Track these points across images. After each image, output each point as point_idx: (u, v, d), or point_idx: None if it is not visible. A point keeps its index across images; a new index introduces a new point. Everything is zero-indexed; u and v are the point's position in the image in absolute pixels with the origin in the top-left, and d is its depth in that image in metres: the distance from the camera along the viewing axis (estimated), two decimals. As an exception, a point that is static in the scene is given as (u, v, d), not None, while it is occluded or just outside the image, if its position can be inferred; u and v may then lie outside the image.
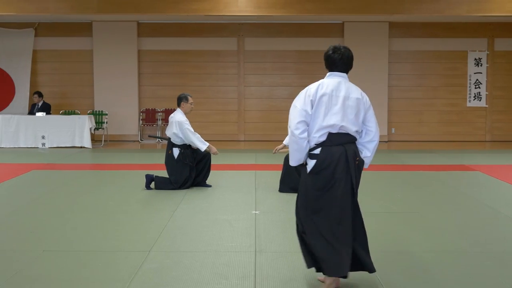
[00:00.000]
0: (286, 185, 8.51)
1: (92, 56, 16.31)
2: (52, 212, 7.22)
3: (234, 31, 16.41)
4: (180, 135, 8.60)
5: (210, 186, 8.90)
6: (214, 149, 8.72)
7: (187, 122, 8.62)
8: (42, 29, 16.43)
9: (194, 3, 13.62)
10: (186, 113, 8.79)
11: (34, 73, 16.45)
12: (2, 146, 14.19)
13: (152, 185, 8.72)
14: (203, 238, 5.95)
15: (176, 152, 8.68)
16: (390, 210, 7.39)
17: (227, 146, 15.11)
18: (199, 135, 8.68)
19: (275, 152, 9.00)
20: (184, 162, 8.63)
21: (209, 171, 9.01)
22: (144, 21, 16.23)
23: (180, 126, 8.56)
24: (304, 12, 13.75)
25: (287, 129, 4.50)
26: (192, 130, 8.62)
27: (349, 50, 4.73)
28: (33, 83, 16.39)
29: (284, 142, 8.66)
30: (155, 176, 8.74)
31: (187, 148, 8.72)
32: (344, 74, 4.81)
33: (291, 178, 8.30)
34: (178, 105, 8.84)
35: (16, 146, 14.18)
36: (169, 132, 8.72)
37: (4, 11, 13.73)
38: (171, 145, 8.73)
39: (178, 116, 8.65)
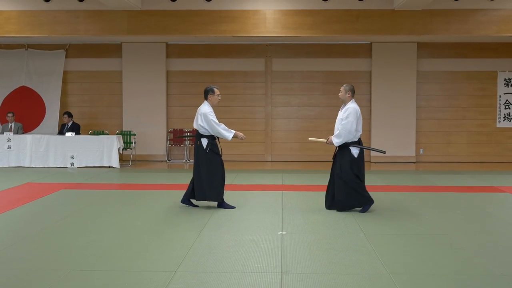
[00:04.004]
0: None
1: (121, 77, 16.52)
2: (79, 231, 7.27)
3: (262, 52, 16.49)
4: (206, 127, 8.64)
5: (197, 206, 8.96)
6: (240, 134, 8.75)
7: (212, 113, 8.65)
8: (72, 50, 16.71)
9: (223, 25, 13.72)
10: (213, 106, 8.84)
11: (64, 94, 16.70)
12: (32, 166, 14.39)
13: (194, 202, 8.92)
14: (229, 259, 5.94)
15: (204, 142, 8.69)
16: (418, 232, 7.30)
17: (254, 166, 15.12)
18: (224, 125, 8.68)
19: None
20: (214, 151, 8.65)
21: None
22: (173, 42, 16.41)
23: (205, 118, 8.61)
24: (332, 32, 13.76)
25: (313, 149, 4.53)
26: (217, 121, 8.64)
27: None
28: (63, 103, 16.63)
29: (322, 140, 9.01)
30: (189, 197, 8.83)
31: (215, 139, 8.75)
32: None
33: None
34: (206, 98, 8.90)
35: (46, 166, 14.36)
36: (195, 124, 8.79)
37: (37, 33, 13.98)
38: (199, 136, 8.75)
39: (203, 108, 8.72)
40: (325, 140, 8.83)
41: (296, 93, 16.56)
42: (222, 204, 8.79)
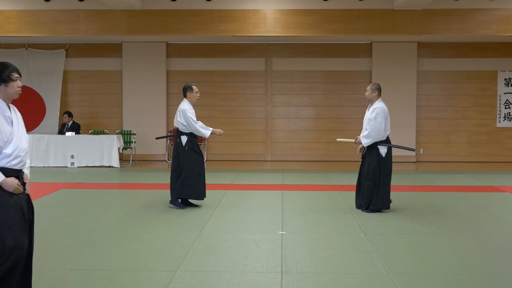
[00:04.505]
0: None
1: (121, 76, 16.52)
2: (79, 230, 7.28)
3: (262, 52, 16.49)
4: (185, 123, 8.67)
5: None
6: (218, 130, 8.87)
7: (191, 110, 8.69)
8: (73, 50, 16.71)
9: (223, 24, 13.71)
10: (193, 103, 8.86)
11: (64, 93, 16.69)
12: (32, 165, 14.37)
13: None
14: (230, 258, 5.94)
15: (184, 139, 8.74)
16: (418, 231, 7.30)
17: (254, 166, 15.13)
18: (201, 123, 8.74)
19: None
20: (193, 149, 8.68)
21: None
22: (173, 42, 16.41)
23: (184, 114, 8.66)
24: (332, 32, 13.75)
25: (313, 149, 4.54)
26: (195, 119, 8.68)
27: None
28: (63, 103, 16.63)
29: (350, 140, 9.14)
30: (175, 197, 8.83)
31: (194, 137, 8.78)
32: None
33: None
34: (184, 96, 8.92)
35: (46, 165, 14.37)
36: (175, 122, 8.83)
37: (37, 33, 13.97)
38: (179, 133, 8.80)
39: (183, 106, 8.77)
40: (353, 140, 8.85)
41: (296, 92, 16.55)
42: (174, 201, 8.80)
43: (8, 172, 4.05)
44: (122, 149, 15.13)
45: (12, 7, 13.81)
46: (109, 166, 14.40)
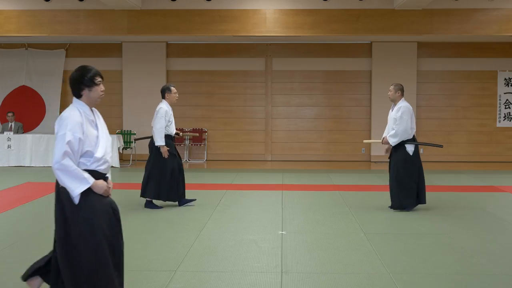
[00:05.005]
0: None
1: (121, 76, 16.52)
2: (80, 230, 7.27)
3: (262, 52, 16.49)
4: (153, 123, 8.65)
5: (194, 199, 8.96)
6: (165, 151, 8.58)
7: (165, 113, 8.59)
8: (73, 50, 16.71)
9: (223, 24, 13.72)
10: (172, 104, 8.84)
11: (64, 93, 16.67)
12: (32, 165, 14.39)
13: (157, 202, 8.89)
14: (229, 258, 5.94)
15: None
16: (418, 231, 7.30)
17: (254, 166, 15.13)
18: (164, 134, 8.55)
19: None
20: (168, 151, 8.63)
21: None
22: (173, 41, 16.41)
23: (156, 114, 8.61)
24: (332, 32, 13.76)
25: (313, 149, 4.56)
26: (163, 123, 8.55)
27: None
28: (63, 103, 16.60)
29: (377, 140, 9.24)
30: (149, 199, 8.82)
31: (170, 138, 8.75)
32: None
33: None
34: (163, 97, 8.87)
35: (46, 165, 14.36)
36: (152, 122, 8.76)
37: (37, 33, 13.98)
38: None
39: (159, 106, 8.71)
40: (380, 141, 8.90)
41: (296, 92, 16.55)
42: (149, 204, 8.78)
43: (96, 176, 4.06)
44: (122, 149, 15.14)
45: (12, 7, 13.82)
46: (109, 166, 14.38)
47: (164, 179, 8.62)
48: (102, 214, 4.06)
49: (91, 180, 3.98)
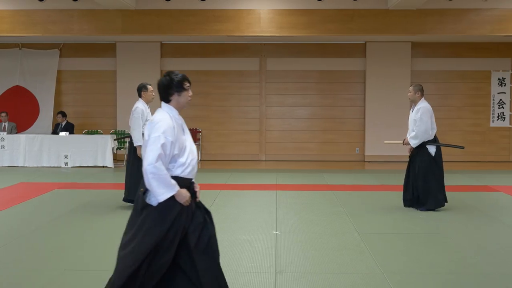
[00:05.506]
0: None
1: (115, 76, 16.49)
2: (73, 230, 7.26)
3: (256, 52, 16.49)
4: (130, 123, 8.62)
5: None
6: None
7: (141, 112, 8.59)
8: (66, 50, 16.67)
9: (217, 24, 13.71)
10: (148, 102, 8.82)
11: (58, 93, 16.64)
12: (25, 165, 14.34)
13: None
14: (223, 258, 5.90)
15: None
16: (412, 231, 7.31)
17: (249, 166, 15.12)
18: (141, 134, 8.38)
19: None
20: None
21: None
22: (167, 41, 16.38)
23: (132, 113, 8.61)
24: (326, 32, 13.76)
25: (307, 149, 4.58)
26: (140, 123, 8.52)
27: None
28: (57, 103, 16.58)
29: (398, 141, 9.16)
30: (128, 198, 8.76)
31: None
32: None
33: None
34: (139, 96, 8.87)
35: (40, 165, 14.32)
36: (130, 123, 8.75)
37: (30, 33, 13.94)
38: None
39: (135, 105, 8.72)
40: (401, 142, 8.92)
41: (290, 92, 16.55)
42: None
43: (181, 181, 4.02)
44: (116, 149, 15.10)
45: (5, 7, 13.77)
46: (103, 166, 14.37)
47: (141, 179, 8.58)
48: (185, 218, 4.03)
49: (177, 187, 3.95)
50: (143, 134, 8.49)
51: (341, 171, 13.98)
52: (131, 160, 8.72)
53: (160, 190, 3.89)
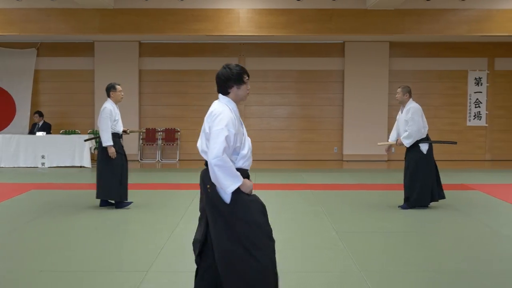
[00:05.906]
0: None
1: (93, 75, 16.39)
2: (50, 231, 7.20)
3: (235, 51, 16.49)
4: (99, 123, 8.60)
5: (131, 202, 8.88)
6: (112, 152, 8.49)
7: (110, 113, 8.54)
8: (44, 49, 16.53)
9: (196, 23, 13.68)
10: (117, 102, 8.79)
11: (35, 93, 16.51)
12: (1, 166, 14.20)
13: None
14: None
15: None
16: (389, 229, 7.36)
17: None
18: (110, 134, 8.47)
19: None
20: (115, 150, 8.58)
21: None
22: (146, 41, 16.32)
23: (100, 114, 8.58)
24: (305, 32, 13.80)
25: (286, 148, 4.64)
26: (109, 124, 8.48)
27: None
28: (34, 102, 16.44)
29: (392, 142, 9.09)
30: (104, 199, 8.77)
31: (117, 137, 8.69)
32: None
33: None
34: (108, 96, 8.83)
35: (16, 166, 14.19)
36: (98, 123, 8.70)
37: (7, 31, 13.80)
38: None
39: (104, 105, 8.67)
40: (395, 142, 8.96)
41: (269, 92, 16.58)
42: (119, 204, 8.71)
43: (242, 173, 4.09)
44: (94, 149, 15.00)
45: (-19, 6, 13.63)
46: (81, 166, 14.29)
47: (114, 178, 8.57)
48: (256, 211, 4.08)
49: (241, 178, 3.99)
50: (117, 134, 8.55)
51: (319, 170, 14.03)
52: (100, 160, 8.67)
53: (227, 182, 3.92)
